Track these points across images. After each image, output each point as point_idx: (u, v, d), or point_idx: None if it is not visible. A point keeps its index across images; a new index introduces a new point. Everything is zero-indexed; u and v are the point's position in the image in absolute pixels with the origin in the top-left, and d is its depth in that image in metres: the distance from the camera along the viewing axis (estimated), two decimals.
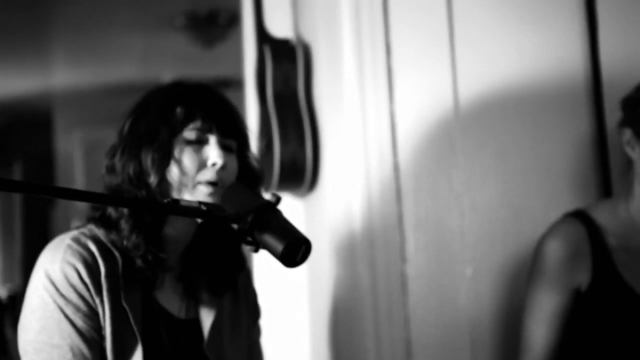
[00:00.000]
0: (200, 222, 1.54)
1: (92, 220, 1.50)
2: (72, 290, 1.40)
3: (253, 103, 2.41)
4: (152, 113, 1.51)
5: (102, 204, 1.49)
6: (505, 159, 2.02)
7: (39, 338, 1.40)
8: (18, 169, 7.54)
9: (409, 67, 2.00)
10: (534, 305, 1.81)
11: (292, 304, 2.32)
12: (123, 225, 1.46)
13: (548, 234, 1.84)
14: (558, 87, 2.06)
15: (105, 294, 1.42)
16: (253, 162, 1.61)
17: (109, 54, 5.68)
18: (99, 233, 1.48)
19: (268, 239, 1.27)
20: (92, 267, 1.42)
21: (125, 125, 1.53)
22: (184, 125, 1.49)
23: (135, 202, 1.45)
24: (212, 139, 1.50)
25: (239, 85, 2.79)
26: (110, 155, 1.52)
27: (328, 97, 2.12)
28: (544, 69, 2.06)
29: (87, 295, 1.41)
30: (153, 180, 1.46)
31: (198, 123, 1.49)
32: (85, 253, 1.43)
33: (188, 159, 1.48)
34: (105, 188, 1.52)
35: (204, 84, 1.57)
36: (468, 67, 2.02)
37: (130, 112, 1.54)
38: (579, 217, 1.84)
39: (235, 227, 1.31)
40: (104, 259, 1.44)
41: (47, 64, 5.92)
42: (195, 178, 1.47)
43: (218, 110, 1.52)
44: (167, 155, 1.47)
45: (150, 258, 1.46)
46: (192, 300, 1.59)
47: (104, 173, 1.53)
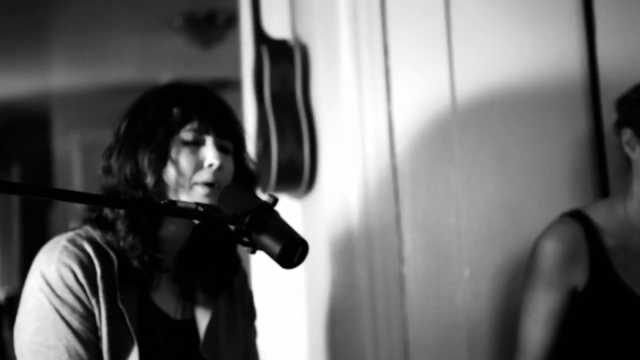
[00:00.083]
0: (197, 223, 1.54)
1: (88, 222, 1.50)
2: (68, 292, 1.40)
3: (251, 104, 2.40)
4: (148, 114, 1.51)
5: (99, 206, 1.49)
6: (503, 159, 2.02)
7: (35, 339, 1.40)
8: (16, 170, 7.53)
9: (407, 67, 2.00)
10: (530, 305, 1.81)
11: (289, 305, 2.32)
12: (119, 226, 1.46)
13: (545, 234, 1.83)
14: (556, 87, 2.06)
15: (101, 295, 1.42)
16: (249, 163, 1.61)
17: (107, 55, 5.67)
18: (95, 234, 1.48)
19: (265, 240, 1.27)
20: (88, 268, 1.42)
21: (122, 126, 1.53)
22: (181, 126, 1.49)
23: (133, 203, 1.45)
24: (208, 140, 1.50)
25: (237, 86, 2.79)
26: (107, 156, 1.52)
27: (326, 97, 2.12)
28: (542, 70, 2.06)
29: (83, 297, 1.41)
30: (150, 181, 1.46)
31: (195, 124, 1.50)
32: (81, 254, 1.43)
33: (185, 160, 1.48)
34: (102, 189, 1.52)
35: (201, 85, 1.58)
36: (466, 67, 2.02)
37: (127, 112, 1.54)
38: (576, 217, 1.84)
39: (233, 228, 1.31)
40: (100, 260, 1.44)
41: (45, 65, 5.91)
42: (192, 179, 1.48)
43: (214, 112, 1.53)
44: (163, 156, 1.47)
45: (147, 259, 1.46)
46: (188, 301, 1.59)
47: (101, 174, 1.53)
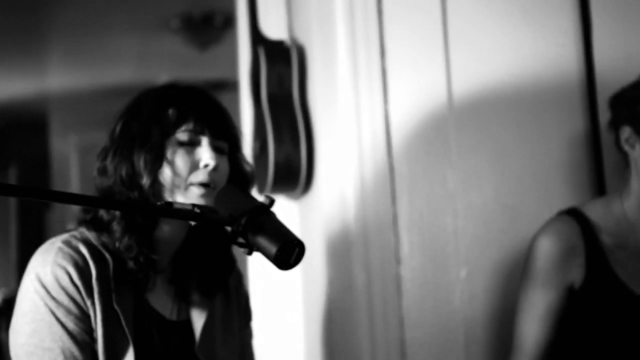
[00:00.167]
0: (193, 224, 1.54)
1: (83, 223, 1.50)
2: (63, 293, 1.40)
3: (248, 105, 2.40)
4: (144, 115, 1.51)
5: (96, 207, 1.49)
6: (500, 159, 2.02)
7: (30, 341, 1.39)
8: (13, 172, 7.52)
9: (404, 68, 2.00)
10: (527, 303, 1.81)
11: (286, 306, 2.31)
12: (115, 227, 1.46)
13: (541, 232, 1.83)
14: (552, 86, 2.06)
15: (97, 297, 1.42)
16: (244, 164, 1.61)
17: (105, 57, 5.67)
18: (90, 236, 1.48)
19: (261, 241, 1.27)
20: (83, 269, 1.42)
21: (117, 127, 1.52)
22: (177, 127, 1.49)
23: (129, 205, 1.45)
24: (204, 141, 1.50)
25: (234, 87, 2.79)
26: (102, 157, 1.52)
27: (322, 98, 2.12)
28: (539, 69, 2.06)
29: (78, 298, 1.41)
30: (145, 182, 1.46)
31: (190, 125, 1.50)
32: (76, 256, 1.42)
33: (180, 160, 1.48)
34: (97, 190, 1.52)
35: (196, 86, 1.58)
36: (462, 67, 2.02)
37: (122, 114, 1.54)
38: (573, 214, 1.83)
39: (229, 229, 1.31)
40: (95, 262, 1.44)
41: (42, 67, 5.91)
42: (188, 179, 1.48)
43: (210, 112, 1.53)
44: (159, 157, 1.47)
45: (142, 260, 1.46)
46: (183, 302, 1.59)
47: (96, 175, 1.53)
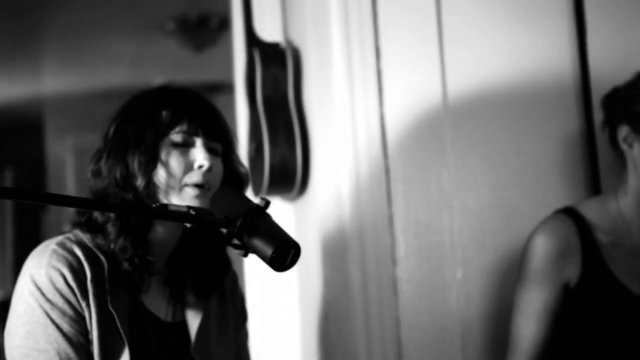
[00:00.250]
0: (188, 226, 1.54)
1: (77, 225, 1.50)
2: (58, 295, 1.40)
3: (243, 107, 2.40)
4: (137, 117, 1.51)
5: (92, 210, 1.49)
6: (495, 160, 2.02)
7: (26, 343, 1.39)
8: (9, 175, 7.51)
9: (399, 69, 2.00)
10: (523, 301, 1.81)
11: (282, 307, 2.31)
12: (110, 229, 1.46)
13: (537, 230, 1.83)
14: (547, 86, 2.07)
15: (92, 298, 1.42)
16: (238, 165, 1.61)
17: (100, 59, 5.66)
18: (85, 238, 1.48)
19: (257, 243, 1.27)
20: (77, 271, 1.42)
21: (111, 129, 1.53)
22: (171, 128, 1.50)
23: (125, 207, 1.45)
24: (198, 142, 1.51)
25: (230, 89, 2.78)
26: (96, 159, 1.52)
27: (318, 100, 2.12)
28: (533, 70, 2.06)
29: (73, 300, 1.41)
30: (140, 183, 1.46)
31: (184, 126, 1.50)
32: (71, 258, 1.42)
33: (175, 162, 1.48)
34: (91, 192, 1.52)
35: (189, 88, 1.58)
36: (457, 68, 2.02)
37: (116, 116, 1.55)
38: (569, 213, 1.84)
39: (224, 231, 1.31)
40: (90, 264, 1.44)
41: (38, 70, 5.90)
42: (182, 180, 1.48)
43: (204, 114, 1.53)
44: (153, 158, 1.48)
45: (137, 261, 1.46)
46: (178, 304, 1.59)
47: (90, 177, 1.53)
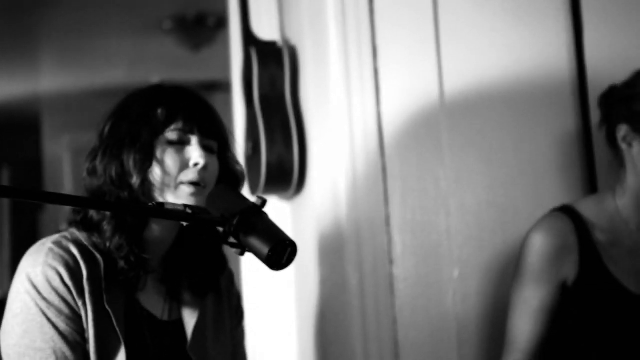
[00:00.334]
0: (184, 224, 1.54)
1: (73, 224, 1.50)
2: (54, 294, 1.40)
3: (240, 106, 2.40)
4: (133, 115, 1.51)
5: (89, 208, 1.49)
6: (492, 159, 2.02)
7: (22, 342, 1.39)
8: (6, 174, 7.51)
9: (396, 68, 2.00)
10: (520, 299, 1.81)
11: (279, 306, 2.31)
12: (105, 227, 1.46)
13: (535, 228, 1.83)
14: (544, 85, 2.07)
15: (88, 297, 1.42)
16: (234, 163, 1.61)
17: (97, 58, 5.66)
18: (81, 236, 1.48)
19: (253, 242, 1.27)
20: (74, 270, 1.42)
21: (106, 128, 1.53)
22: (166, 126, 1.50)
23: (122, 205, 1.45)
24: (193, 140, 1.51)
25: (227, 88, 2.78)
26: (91, 158, 1.52)
27: (315, 99, 2.12)
28: (530, 68, 2.06)
29: (69, 298, 1.41)
30: (135, 181, 1.46)
31: (180, 124, 1.50)
32: (67, 256, 1.42)
33: (170, 160, 1.48)
34: (86, 191, 1.52)
35: (184, 87, 1.58)
36: (454, 67, 2.02)
37: (111, 114, 1.55)
38: (566, 211, 1.84)
39: (221, 230, 1.31)
40: (86, 262, 1.44)
41: (35, 68, 5.90)
42: (178, 178, 1.48)
43: (199, 112, 1.53)
44: (149, 156, 1.47)
45: (133, 259, 1.46)
46: (175, 302, 1.59)
47: (85, 175, 1.53)
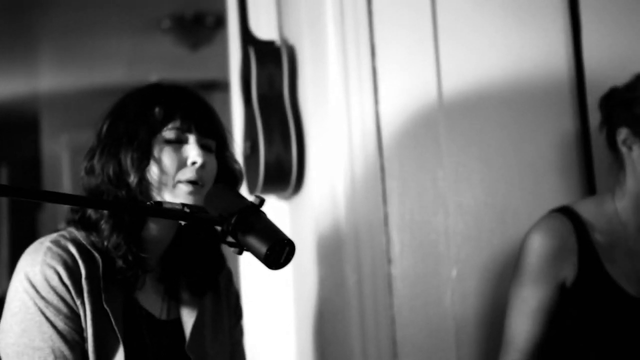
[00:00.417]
0: (182, 223, 1.54)
1: (71, 223, 1.50)
2: (52, 293, 1.40)
3: (238, 105, 2.40)
4: (130, 114, 1.51)
5: (87, 207, 1.49)
6: (490, 159, 2.02)
7: (20, 341, 1.39)
8: (4, 173, 7.51)
9: (394, 67, 2.00)
10: (518, 299, 1.81)
11: (278, 305, 2.31)
12: (103, 226, 1.46)
13: (534, 229, 1.83)
14: (542, 86, 2.07)
15: (86, 296, 1.42)
16: (232, 162, 1.61)
17: (96, 57, 5.66)
18: (79, 235, 1.48)
19: (251, 241, 1.27)
20: (72, 269, 1.42)
21: (104, 127, 1.53)
22: (163, 125, 1.49)
23: (119, 204, 1.45)
24: (191, 139, 1.50)
25: (225, 87, 2.78)
26: (89, 157, 1.52)
27: (313, 98, 2.12)
28: (528, 69, 2.06)
29: (67, 298, 1.41)
30: (133, 180, 1.46)
31: (177, 123, 1.50)
32: (66, 255, 1.42)
33: (168, 158, 1.48)
34: (84, 189, 1.52)
35: (182, 85, 1.58)
36: (453, 67, 2.02)
37: (108, 113, 1.55)
38: (565, 212, 1.84)
39: (219, 229, 1.31)
40: (84, 261, 1.44)
41: (33, 67, 5.90)
42: (175, 177, 1.48)
43: (197, 110, 1.53)
44: (146, 155, 1.47)
45: (131, 258, 1.46)
46: (173, 301, 1.59)
47: (83, 174, 1.53)
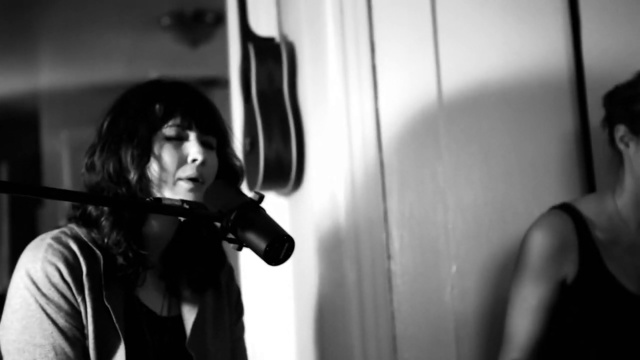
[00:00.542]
0: (182, 219, 1.54)
1: (72, 220, 1.50)
2: (53, 290, 1.40)
3: (238, 102, 2.40)
4: (130, 111, 1.51)
5: (87, 204, 1.49)
6: (490, 156, 2.03)
7: (21, 338, 1.39)
8: (5, 169, 7.51)
9: (393, 64, 2.00)
10: (519, 296, 1.81)
11: (278, 301, 2.32)
12: (104, 223, 1.46)
13: (534, 226, 1.83)
14: (542, 83, 2.07)
15: (87, 293, 1.42)
16: (233, 159, 1.61)
17: (96, 54, 5.65)
18: (80, 232, 1.48)
19: (251, 237, 1.27)
20: (73, 266, 1.42)
21: (104, 123, 1.53)
22: (164, 122, 1.49)
23: (120, 201, 1.45)
24: (191, 136, 1.50)
25: (225, 84, 2.78)
26: (90, 154, 1.52)
27: (312, 95, 2.12)
28: (528, 67, 2.07)
29: (68, 294, 1.41)
30: (133, 177, 1.46)
31: (177, 120, 1.50)
32: (67, 252, 1.42)
33: (168, 155, 1.48)
34: (85, 186, 1.52)
35: (182, 82, 1.58)
36: (452, 64, 2.03)
37: (109, 110, 1.55)
38: (566, 209, 1.84)
39: (218, 225, 1.31)
40: (85, 258, 1.44)
41: (33, 65, 5.89)
42: (176, 174, 1.48)
43: (197, 107, 1.53)
44: (146, 152, 1.47)
45: (132, 255, 1.46)
46: (174, 298, 1.59)
47: (84, 171, 1.53)
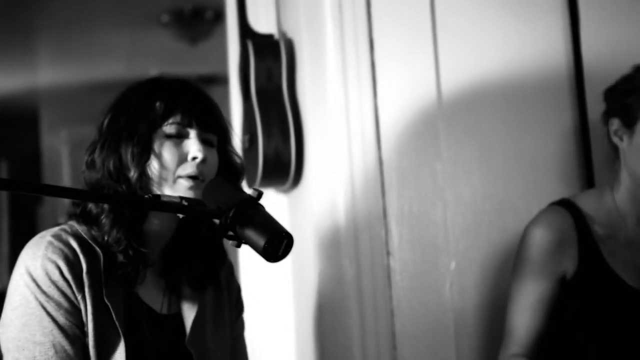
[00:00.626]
0: (182, 217, 1.54)
1: (73, 217, 1.50)
2: (53, 287, 1.40)
3: (237, 99, 2.40)
4: (131, 108, 1.51)
5: (87, 201, 1.49)
6: (489, 152, 2.03)
7: (21, 335, 1.39)
8: (4, 167, 7.52)
9: (392, 61, 2.00)
10: (519, 292, 1.81)
11: (277, 299, 2.32)
12: (104, 221, 1.46)
13: (534, 222, 1.84)
14: (541, 80, 2.07)
15: (87, 291, 1.42)
16: (234, 156, 1.61)
17: (95, 52, 5.65)
18: (80, 229, 1.48)
19: (250, 234, 1.27)
20: (73, 263, 1.42)
21: (105, 121, 1.53)
22: (164, 120, 1.49)
23: (119, 198, 1.45)
24: (192, 133, 1.50)
25: (225, 81, 2.78)
26: (90, 151, 1.52)
27: (311, 92, 2.12)
28: (527, 63, 2.07)
29: (68, 292, 1.41)
30: (133, 175, 1.46)
31: (178, 117, 1.50)
32: (67, 250, 1.42)
33: (168, 153, 1.48)
34: (85, 184, 1.52)
35: (183, 79, 1.57)
36: (451, 61, 2.03)
37: (109, 107, 1.54)
38: (565, 205, 1.84)
39: (217, 222, 1.31)
40: (86, 256, 1.44)
41: (33, 62, 5.89)
42: (176, 172, 1.48)
43: (198, 105, 1.52)
44: (146, 150, 1.47)
45: (132, 253, 1.46)
46: (174, 296, 1.59)
47: (84, 169, 1.53)
